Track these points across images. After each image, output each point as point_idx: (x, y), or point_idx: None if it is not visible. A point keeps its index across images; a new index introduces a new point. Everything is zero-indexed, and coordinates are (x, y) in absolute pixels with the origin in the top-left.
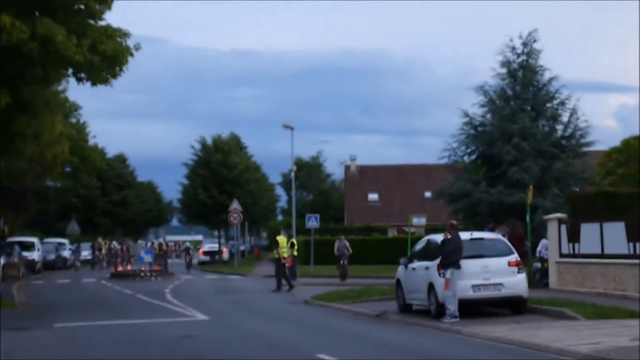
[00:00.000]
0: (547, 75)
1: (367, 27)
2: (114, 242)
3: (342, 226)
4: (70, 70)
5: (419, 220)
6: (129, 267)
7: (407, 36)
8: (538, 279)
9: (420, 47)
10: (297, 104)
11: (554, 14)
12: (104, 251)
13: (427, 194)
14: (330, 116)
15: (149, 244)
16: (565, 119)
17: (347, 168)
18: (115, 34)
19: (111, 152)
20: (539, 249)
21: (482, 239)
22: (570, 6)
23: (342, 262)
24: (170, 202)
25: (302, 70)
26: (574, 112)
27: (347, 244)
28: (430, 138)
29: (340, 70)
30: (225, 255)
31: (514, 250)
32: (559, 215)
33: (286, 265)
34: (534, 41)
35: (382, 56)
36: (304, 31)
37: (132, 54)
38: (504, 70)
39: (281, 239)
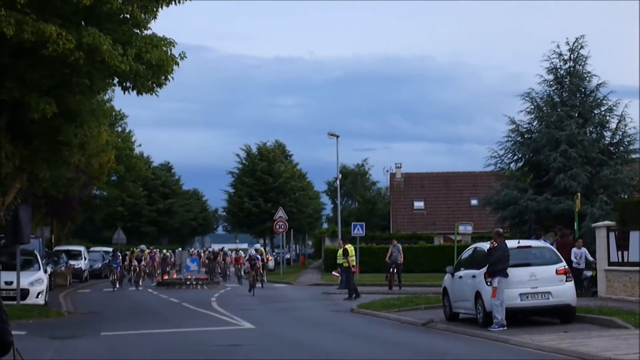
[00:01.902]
0: (594, 81)
1: (411, 33)
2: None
3: (387, 234)
4: (115, 80)
5: (466, 228)
6: (174, 276)
7: (452, 41)
8: (586, 287)
9: (465, 52)
10: (340, 112)
11: (601, 19)
12: (143, 262)
13: (473, 202)
14: (374, 123)
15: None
16: (613, 125)
17: (392, 176)
18: (160, 43)
19: (156, 160)
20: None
21: (529, 247)
22: (617, 11)
23: (392, 269)
24: (215, 210)
25: (345, 77)
26: (622, 118)
27: (401, 248)
28: (475, 145)
29: (383, 77)
30: (271, 263)
31: (561, 258)
32: (607, 222)
33: (354, 273)
34: (581, 47)
35: (426, 62)
36: (347, 38)
37: (177, 63)
38: (550, 77)
39: (350, 247)
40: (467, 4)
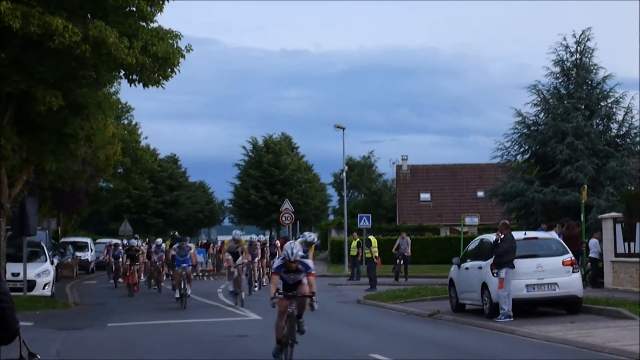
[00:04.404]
0: (601, 73)
1: (417, 25)
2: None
3: (394, 226)
4: (122, 72)
5: (472, 220)
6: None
7: (458, 33)
8: (592, 277)
9: (472, 44)
10: (346, 104)
11: (608, 10)
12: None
13: (480, 194)
14: (380, 116)
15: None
16: (619, 117)
17: (398, 168)
18: (166, 36)
19: (163, 152)
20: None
21: (536, 238)
22: (624, 3)
23: (399, 260)
24: (221, 202)
25: (351, 70)
26: (628, 110)
27: (409, 241)
28: (482, 137)
29: (390, 69)
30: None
31: (568, 249)
32: (614, 214)
33: (378, 264)
34: (588, 39)
35: (432, 54)
36: (353, 30)
37: (183, 56)
38: (557, 69)
39: (373, 238)
40: None
